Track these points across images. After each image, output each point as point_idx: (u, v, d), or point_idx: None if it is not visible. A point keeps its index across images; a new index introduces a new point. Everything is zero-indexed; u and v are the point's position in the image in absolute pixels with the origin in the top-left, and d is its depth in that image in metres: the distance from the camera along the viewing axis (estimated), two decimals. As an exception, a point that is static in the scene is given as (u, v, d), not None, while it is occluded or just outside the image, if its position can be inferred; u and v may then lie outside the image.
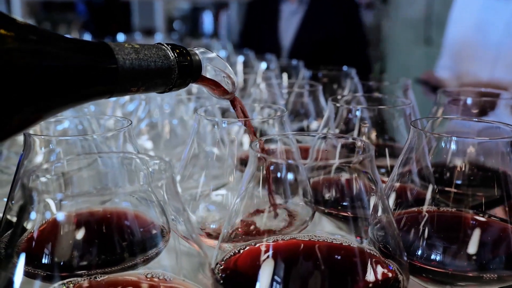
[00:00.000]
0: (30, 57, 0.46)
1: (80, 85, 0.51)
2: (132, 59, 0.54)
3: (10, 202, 0.67)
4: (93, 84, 0.52)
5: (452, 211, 0.62)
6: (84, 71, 0.51)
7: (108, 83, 0.53)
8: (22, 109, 0.46)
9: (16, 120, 0.46)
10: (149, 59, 0.56)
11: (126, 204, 0.54)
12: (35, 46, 0.46)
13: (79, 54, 0.51)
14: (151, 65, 0.56)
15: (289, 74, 1.66)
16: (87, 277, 0.51)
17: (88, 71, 0.51)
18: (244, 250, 0.56)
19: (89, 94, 0.53)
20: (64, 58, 0.49)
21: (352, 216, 0.57)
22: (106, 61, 0.52)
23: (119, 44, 0.55)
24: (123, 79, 0.54)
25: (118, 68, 0.53)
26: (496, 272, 0.56)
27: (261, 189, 0.57)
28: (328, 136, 0.68)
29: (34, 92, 0.46)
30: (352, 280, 0.51)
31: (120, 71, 0.53)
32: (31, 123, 0.49)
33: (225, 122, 0.77)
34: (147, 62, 0.56)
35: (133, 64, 0.54)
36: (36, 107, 0.47)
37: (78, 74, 0.50)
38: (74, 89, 0.50)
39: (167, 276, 0.52)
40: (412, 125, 0.63)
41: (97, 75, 0.52)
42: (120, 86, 0.54)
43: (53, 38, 0.49)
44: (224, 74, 0.66)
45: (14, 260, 0.45)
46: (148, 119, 1.13)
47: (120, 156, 0.58)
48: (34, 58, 0.46)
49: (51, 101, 0.49)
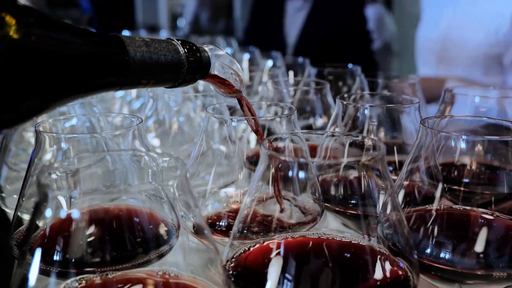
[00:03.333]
0: (44, 44, 0.46)
1: (91, 75, 0.51)
2: (143, 52, 0.54)
3: (21, 199, 0.68)
4: (103, 75, 0.53)
5: (461, 209, 0.62)
6: (96, 61, 0.51)
7: (118, 75, 0.54)
8: (33, 95, 0.46)
9: (26, 106, 0.46)
10: (159, 52, 0.56)
11: (137, 202, 0.55)
12: (49, 33, 0.47)
13: (92, 44, 0.51)
14: (161, 58, 0.56)
15: (295, 71, 1.66)
16: (99, 274, 0.52)
17: (99, 62, 0.51)
18: (254, 247, 0.56)
19: (100, 84, 0.54)
20: (77, 47, 0.49)
21: (362, 214, 0.57)
22: (118, 52, 0.53)
23: (130, 37, 0.55)
24: (133, 71, 0.54)
25: (129, 60, 0.53)
26: (505, 271, 0.56)
27: (271, 187, 0.58)
28: (339, 134, 0.68)
29: (45, 79, 0.47)
30: (362, 278, 0.51)
31: (131, 62, 0.53)
32: (41, 110, 0.49)
33: (235, 120, 0.77)
34: (158, 55, 0.56)
35: (144, 57, 0.54)
36: (46, 94, 0.48)
37: (90, 64, 0.51)
38: (85, 79, 0.51)
39: (178, 273, 0.52)
40: (421, 124, 0.63)
41: (108, 66, 0.52)
42: (130, 78, 0.55)
43: (67, 28, 0.49)
44: (232, 71, 0.66)
45: (28, 257, 0.45)
46: (155, 117, 1.13)
47: (131, 153, 0.58)
48: (48, 46, 0.46)
49: (61, 90, 0.49)
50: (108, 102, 1.49)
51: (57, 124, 0.79)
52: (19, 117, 0.47)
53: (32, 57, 0.45)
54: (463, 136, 0.61)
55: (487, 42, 2.09)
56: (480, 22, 2.11)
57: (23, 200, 0.68)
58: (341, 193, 0.69)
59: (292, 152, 0.68)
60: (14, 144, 0.96)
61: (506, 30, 2.04)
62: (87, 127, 0.82)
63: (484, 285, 0.58)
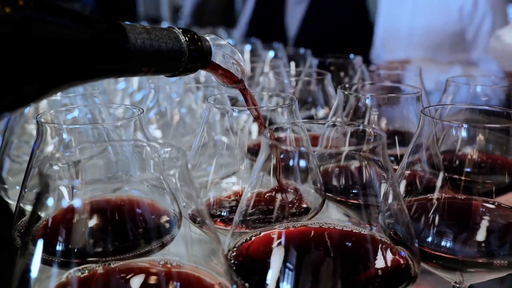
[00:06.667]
0: (45, 28, 0.46)
1: (91, 61, 0.51)
2: (143, 39, 0.54)
3: (23, 191, 0.68)
4: (104, 61, 0.53)
5: (462, 198, 0.62)
6: (96, 47, 0.51)
7: (119, 61, 0.54)
8: (33, 79, 0.46)
9: (27, 90, 0.47)
10: (160, 39, 0.56)
11: (139, 192, 0.55)
12: (50, 18, 0.47)
13: (93, 30, 0.51)
14: (162, 46, 0.56)
15: (297, 62, 1.66)
16: (102, 264, 0.52)
17: (100, 48, 0.51)
18: (256, 237, 0.57)
19: (100, 70, 0.54)
20: (78, 32, 0.49)
21: (363, 204, 0.57)
22: (119, 39, 0.53)
23: (131, 24, 0.55)
24: (134, 58, 0.54)
25: (130, 47, 0.53)
26: (506, 259, 0.56)
27: (272, 177, 0.58)
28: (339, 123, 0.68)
29: (46, 63, 0.47)
30: (364, 266, 0.51)
31: (132, 49, 0.53)
32: (41, 94, 0.49)
33: (236, 111, 0.77)
34: (158, 42, 0.56)
35: (145, 44, 0.54)
36: (46, 79, 0.48)
37: (90, 49, 0.51)
38: (85, 64, 0.51)
39: (180, 262, 0.53)
40: (422, 113, 0.63)
41: (109, 52, 0.52)
42: (131, 65, 0.55)
43: (69, 13, 0.49)
44: (233, 61, 0.66)
45: (31, 247, 0.46)
46: (156, 108, 1.13)
47: (132, 143, 0.58)
48: (49, 30, 0.46)
49: (62, 74, 0.49)
50: (110, 94, 1.49)
51: (59, 116, 0.79)
52: (19, 100, 0.47)
53: (32, 41, 0.45)
54: (464, 124, 0.61)
55: (451, 22, 2.22)
56: (444, 4, 2.24)
57: (25, 192, 0.68)
58: (342, 183, 0.69)
59: (293, 141, 0.68)
60: (16, 136, 0.96)
61: (469, 8, 2.18)
62: (89, 119, 0.82)
63: (485, 273, 0.58)
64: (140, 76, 0.59)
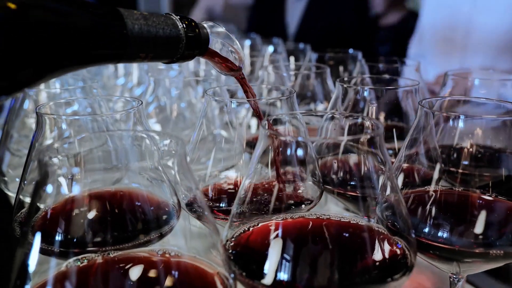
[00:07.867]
0: (42, 13, 0.46)
1: (88, 46, 0.52)
2: (141, 24, 0.55)
3: (23, 183, 0.68)
4: (101, 46, 0.53)
5: (459, 191, 0.63)
6: (94, 32, 0.51)
7: (116, 47, 0.54)
8: (31, 64, 0.47)
9: (24, 74, 0.47)
10: (157, 25, 0.56)
11: (138, 183, 0.55)
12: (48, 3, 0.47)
13: (90, 16, 0.51)
14: (160, 32, 0.57)
15: (296, 57, 1.66)
16: (101, 253, 0.52)
17: (97, 33, 0.52)
18: (254, 227, 0.57)
19: (97, 56, 0.54)
20: (75, 18, 0.50)
21: (361, 195, 0.57)
22: (116, 25, 0.53)
23: (129, 10, 0.55)
24: (131, 44, 0.54)
25: (127, 32, 0.54)
26: (502, 249, 0.56)
27: (270, 168, 0.58)
28: (337, 115, 0.68)
29: (43, 48, 0.47)
30: (361, 256, 0.52)
31: (129, 35, 0.54)
32: (38, 79, 0.50)
33: (234, 103, 0.77)
34: (156, 28, 0.56)
35: (142, 29, 0.55)
36: (44, 63, 0.48)
37: (87, 34, 0.51)
38: (82, 49, 0.51)
39: (178, 252, 0.53)
40: (419, 105, 0.63)
41: (106, 38, 0.53)
42: (128, 51, 0.55)
43: None
44: (231, 49, 0.66)
45: (30, 237, 0.46)
46: (156, 103, 1.13)
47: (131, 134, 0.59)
48: (46, 15, 0.47)
49: (59, 59, 0.49)
50: (110, 89, 1.49)
51: (59, 110, 0.79)
52: (16, 84, 0.47)
53: (30, 26, 0.45)
54: (461, 116, 0.61)
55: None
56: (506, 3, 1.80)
57: (24, 184, 0.68)
58: (340, 175, 0.69)
59: (291, 133, 0.68)
60: (16, 130, 0.97)
61: None
62: (89, 112, 0.82)
63: (482, 263, 0.59)
64: (138, 62, 0.59)
